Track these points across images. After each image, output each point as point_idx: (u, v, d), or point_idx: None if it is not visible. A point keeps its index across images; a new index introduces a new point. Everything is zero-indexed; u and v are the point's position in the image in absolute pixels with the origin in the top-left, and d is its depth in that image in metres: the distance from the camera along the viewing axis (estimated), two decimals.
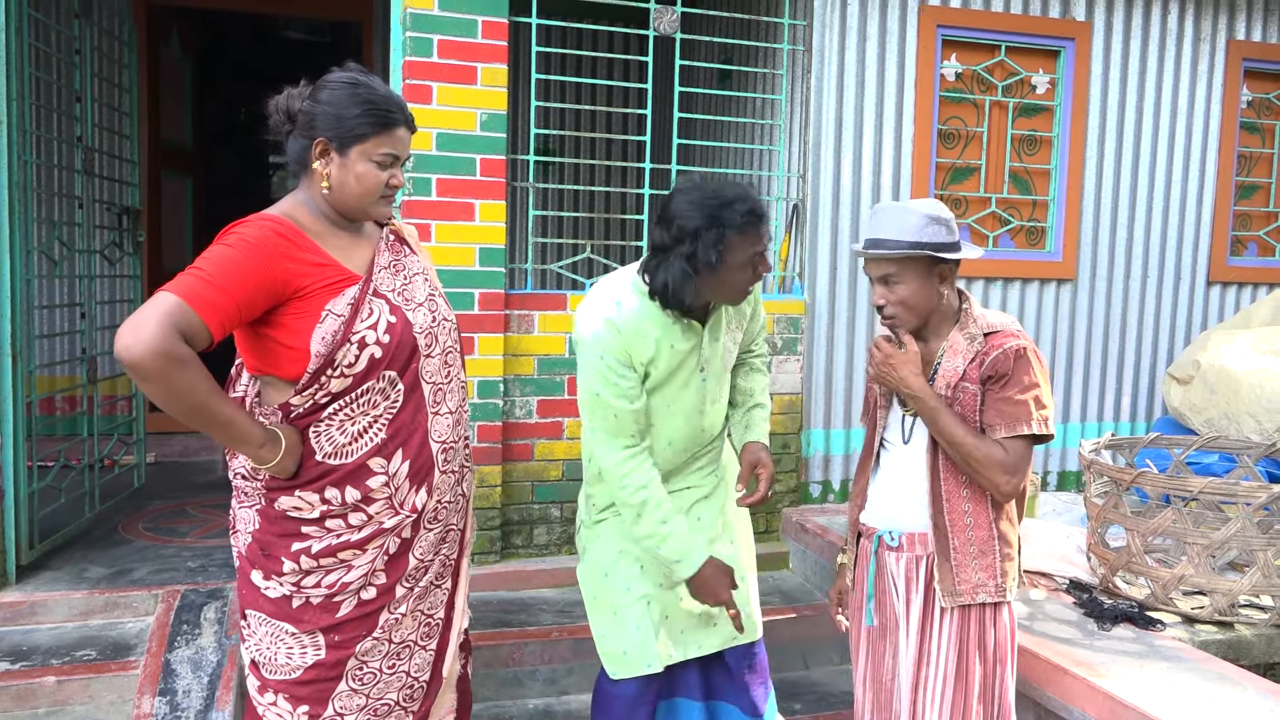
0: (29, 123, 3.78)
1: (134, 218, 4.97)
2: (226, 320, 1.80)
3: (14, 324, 3.51)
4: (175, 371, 1.73)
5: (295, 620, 1.98)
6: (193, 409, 1.79)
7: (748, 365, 2.63)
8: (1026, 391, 2.13)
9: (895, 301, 2.18)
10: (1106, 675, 2.69)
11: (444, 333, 2.10)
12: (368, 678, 2.03)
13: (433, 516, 2.08)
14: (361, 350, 1.91)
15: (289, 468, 1.93)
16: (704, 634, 2.47)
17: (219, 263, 1.82)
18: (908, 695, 2.25)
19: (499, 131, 3.86)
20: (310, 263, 1.91)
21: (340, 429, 1.95)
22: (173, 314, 1.73)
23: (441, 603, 2.15)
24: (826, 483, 4.59)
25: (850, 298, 4.57)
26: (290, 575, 1.97)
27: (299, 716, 2.00)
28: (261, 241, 1.86)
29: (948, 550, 2.21)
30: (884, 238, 2.16)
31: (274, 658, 2.00)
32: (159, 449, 5.67)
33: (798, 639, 3.74)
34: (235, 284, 1.80)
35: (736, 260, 2.20)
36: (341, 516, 1.97)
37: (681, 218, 2.17)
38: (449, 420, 2.09)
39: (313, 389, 1.91)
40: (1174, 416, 4.70)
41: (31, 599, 3.42)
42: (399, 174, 2.01)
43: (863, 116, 4.54)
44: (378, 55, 6.30)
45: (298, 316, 1.89)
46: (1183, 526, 3.10)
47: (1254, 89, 5.22)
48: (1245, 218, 5.32)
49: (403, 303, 2.01)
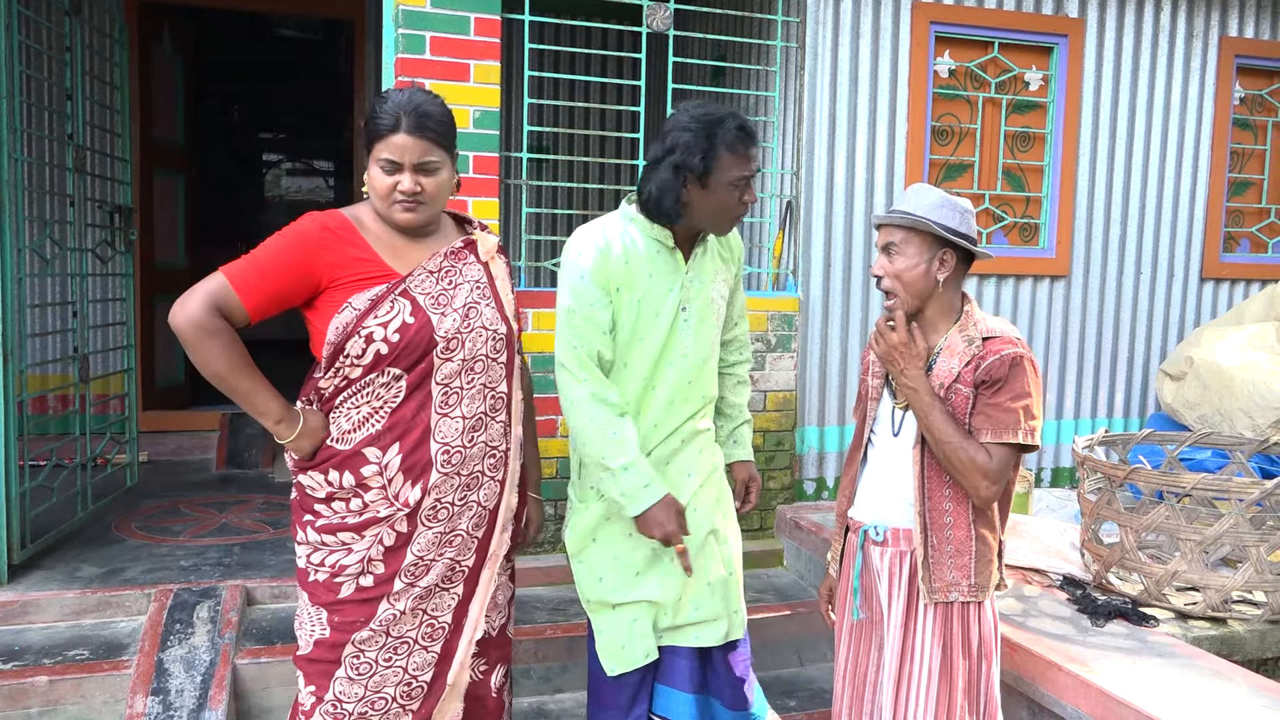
0: (20, 120, 3.76)
1: (126, 216, 4.95)
2: (264, 303, 2.02)
3: (5, 322, 3.50)
4: (205, 340, 1.98)
5: (310, 592, 2.13)
6: (217, 375, 2.02)
7: (734, 376, 2.67)
8: (1018, 400, 2.13)
9: (891, 273, 2.21)
10: (1100, 671, 2.69)
11: (478, 341, 2.14)
12: (364, 668, 2.10)
13: (430, 515, 2.11)
14: (368, 344, 2.03)
15: (304, 448, 2.09)
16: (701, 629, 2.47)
17: (268, 250, 2.04)
18: (890, 690, 2.25)
19: (492, 129, 3.85)
20: (351, 257, 2.05)
21: (346, 416, 2.08)
22: (214, 292, 1.99)
23: (449, 607, 2.18)
24: (820, 480, 4.59)
25: (844, 295, 4.57)
26: (303, 547, 2.13)
27: (306, 694, 2.14)
28: (307, 233, 2.05)
29: (925, 548, 2.21)
30: (899, 208, 2.22)
31: (300, 629, 2.17)
32: (152, 448, 5.64)
33: (792, 636, 3.75)
34: (276, 271, 2.02)
35: (724, 178, 2.26)
36: (344, 500, 2.09)
37: (675, 130, 2.26)
38: (459, 424, 2.13)
39: (330, 373, 2.06)
40: (1167, 413, 4.71)
41: (23, 598, 3.41)
42: (407, 180, 2.06)
43: (856, 113, 4.54)
44: (370, 53, 6.29)
45: (328, 305, 2.05)
46: (1176, 522, 3.11)
47: (1246, 85, 5.23)
48: (1238, 214, 5.33)
49: (431, 305, 2.08)
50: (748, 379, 2.70)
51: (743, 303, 2.65)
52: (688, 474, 2.45)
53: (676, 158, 2.23)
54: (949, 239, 2.18)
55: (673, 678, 2.49)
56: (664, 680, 2.50)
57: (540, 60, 6.03)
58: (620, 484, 2.29)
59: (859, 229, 4.57)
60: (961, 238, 2.19)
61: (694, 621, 2.46)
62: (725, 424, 2.67)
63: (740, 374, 2.68)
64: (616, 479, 2.28)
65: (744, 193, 2.30)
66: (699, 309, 2.41)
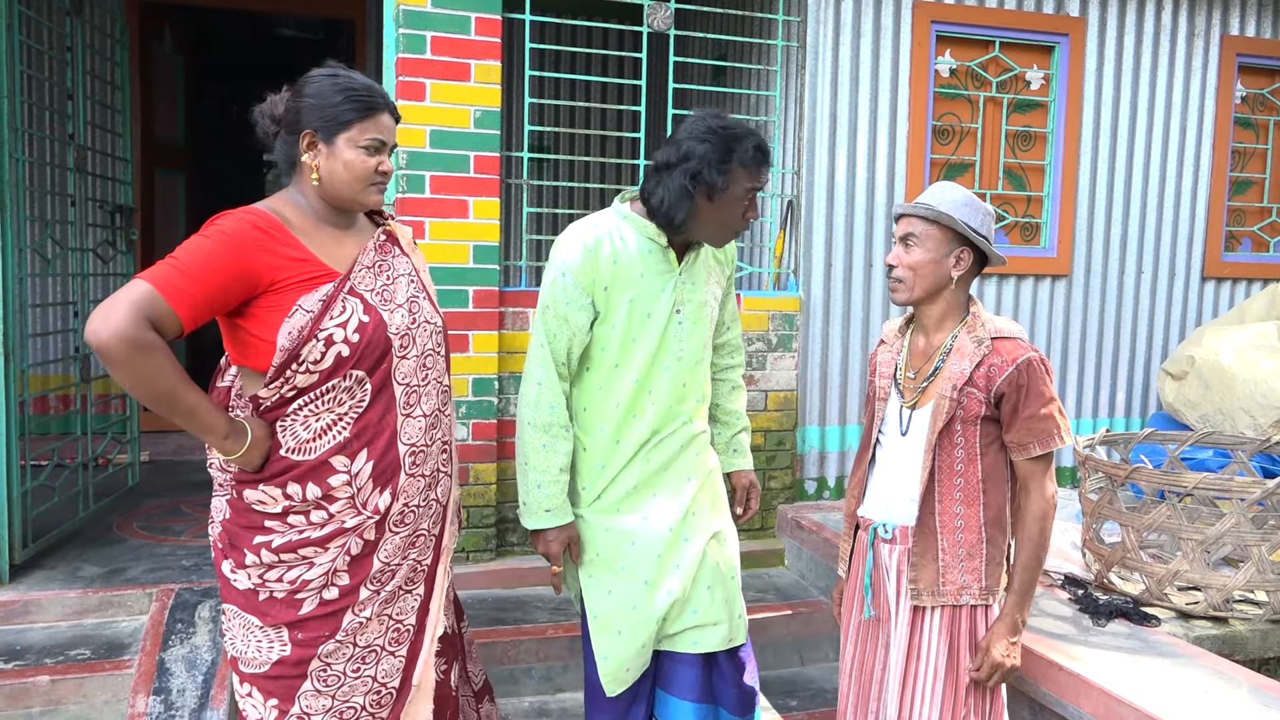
0: (21, 120, 3.76)
1: (127, 215, 4.95)
2: (198, 310, 1.83)
3: (6, 322, 3.50)
4: (140, 358, 1.76)
5: (260, 614, 1.99)
6: (157, 395, 1.82)
7: (729, 382, 2.66)
8: (1049, 405, 2.17)
9: (907, 264, 2.22)
10: (1101, 671, 2.69)
11: (424, 335, 2.08)
12: (331, 680, 2.02)
13: (399, 520, 2.05)
14: (328, 348, 1.91)
15: (254, 461, 1.94)
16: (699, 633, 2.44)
17: (194, 253, 1.84)
18: (897, 689, 2.25)
19: (493, 128, 3.85)
20: (287, 257, 1.91)
21: (304, 425, 1.95)
22: (142, 301, 1.77)
23: (412, 609, 2.12)
24: (822, 479, 4.59)
25: (845, 294, 4.57)
26: (254, 568, 1.98)
27: (269, 709, 2.02)
28: (237, 233, 1.87)
29: (935, 551, 2.22)
30: (923, 201, 2.23)
31: (245, 650, 2.02)
32: (153, 447, 5.65)
33: (793, 635, 3.75)
34: (208, 274, 1.83)
35: (736, 192, 2.25)
36: (304, 513, 1.97)
37: (692, 138, 2.21)
38: (421, 423, 2.07)
39: (279, 383, 1.92)
40: (1168, 412, 4.70)
41: (25, 598, 3.41)
42: (387, 160, 2.02)
43: (857, 112, 4.53)
44: (371, 52, 6.29)
45: (270, 309, 1.90)
46: (1177, 522, 3.11)
47: (1248, 84, 5.23)
48: (1239, 213, 5.32)
49: (379, 303, 2.00)
50: (742, 383, 2.69)
51: (734, 306, 2.64)
52: (688, 478, 2.44)
53: (692, 167, 2.20)
54: (968, 238, 2.18)
55: (674, 685, 2.46)
56: (665, 687, 2.48)
57: (541, 60, 6.04)
58: (528, 493, 2.35)
59: (860, 228, 4.56)
60: (981, 239, 2.20)
61: (692, 626, 2.43)
62: (723, 431, 2.65)
63: (734, 379, 2.67)
64: (528, 487, 2.35)
65: (749, 209, 2.29)
66: (693, 311, 2.39)
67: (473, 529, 3.92)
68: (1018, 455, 2.20)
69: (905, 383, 2.31)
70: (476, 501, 3.91)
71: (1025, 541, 2.20)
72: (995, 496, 2.24)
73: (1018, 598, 2.19)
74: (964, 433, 2.20)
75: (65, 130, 4.55)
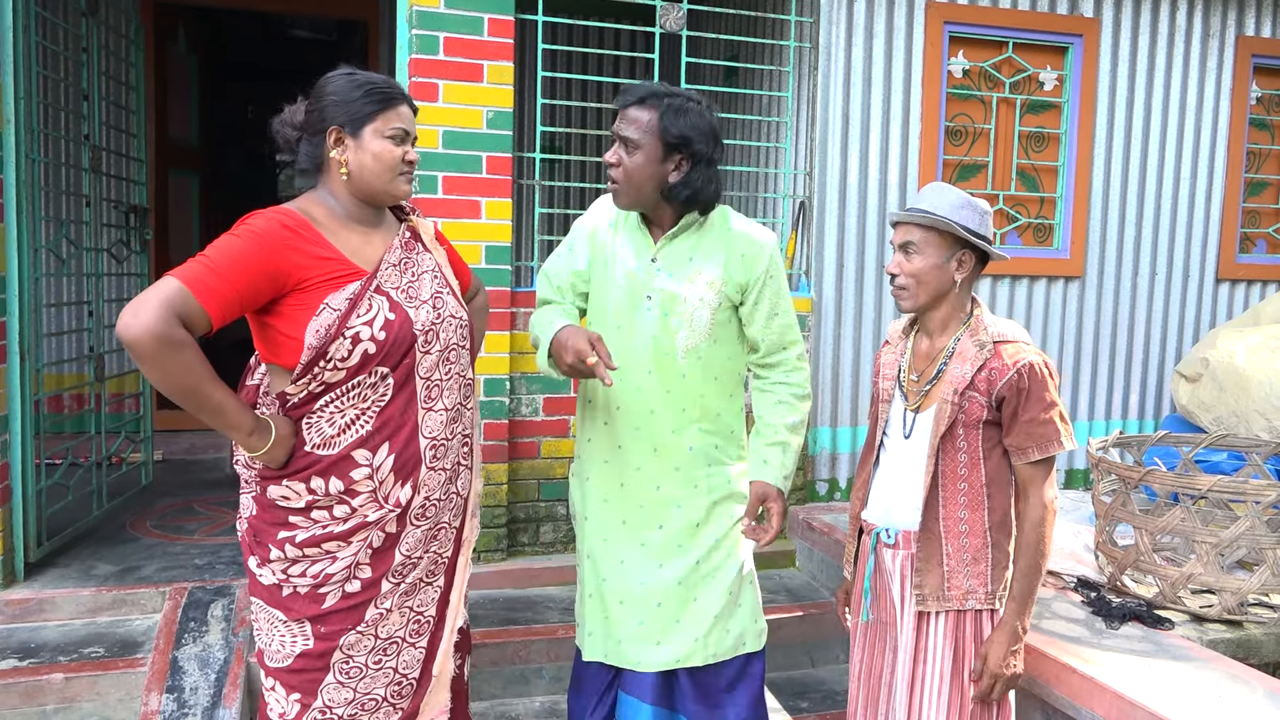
0: (36, 121, 3.78)
1: (141, 216, 4.98)
2: (227, 308, 1.86)
3: (22, 322, 3.52)
4: (169, 354, 1.79)
5: (284, 608, 2.03)
6: (185, 391, 1.85)
7: (773, 395, 2.49)
8: (1050, 410, 2.15)
9: (908, 271, 2.21)
10: (1114, 674, 2.68)
11: (448, 330, 2.11)
12: (354, 671, 2.05)
13: (420, 513, 2.08)
14: (355, 345, 1.94)
15: (278, 458, 1.98)
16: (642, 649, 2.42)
17: (224, 251, 1.88)
18: (904, 692, 2.25)
19: (505, 129, 3.85)
20: (315, 255, 1.95)
21: (329, 421, 1.99)
22: (173, 298, 1.80)
23: (433, 600, 2.16)
24: (833, 480, 4.58)
25: (857, 295, 4.56)
26: (278, 563, 2.01)
27: (291, 704, 2.05)
28: (267, 232, 1.91)
29: (940, 555, 2.21)
30: (917, 207, 2.21)
31: (270, 644, 2.05)
32: (167, 446, 5.68)
33: (804, 637, 3.74)
34: (237, 272, 1.86)
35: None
36: (327, 508, 2.00)
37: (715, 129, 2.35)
38: (442, 417, 2.10)
39: (306, 379, 1.95)
40: (1182, 414, 4.68)
41: (39, 596, 3.43)
42: (412, 150, 2.08)
43: (869, 113, 4.53)
44: (384, 53, 6.31)
45: (298, 307, 1.93)
46: (1191, 525, 3.09)
47: (1263, 85, 5.19)
48: (1254, 214, 5.29)
49: (405, 300, 2.03)
50: (792, 402, 2.47)
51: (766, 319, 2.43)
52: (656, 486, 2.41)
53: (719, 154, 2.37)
54: (968, 240, 2.17)
55: (632, 685, 2.46)
56: (624, 687, 2.48)
57: (553, 61, 6.04)
58: (536, 331, 2.43)
59: (872, 229, 4.56)
60: (980, 239, 2.19)
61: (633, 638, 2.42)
62: (756, 441, 2.49)
63: (779, 394, 2.47)
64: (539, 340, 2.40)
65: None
66: (664, 302, 2.36)
67: (484, 529, 3.93)
68: (1017, 459, 2.19)
69: (909, 385, 2.30)
70: (488, 501, 3.91)
71: (1024, 548, 2.18)
72: (1000, 501, 2.23)
73: (1017, 605, 2.18)
74: (967, 437, 2.19)
75: (80, 131, 4.57)
